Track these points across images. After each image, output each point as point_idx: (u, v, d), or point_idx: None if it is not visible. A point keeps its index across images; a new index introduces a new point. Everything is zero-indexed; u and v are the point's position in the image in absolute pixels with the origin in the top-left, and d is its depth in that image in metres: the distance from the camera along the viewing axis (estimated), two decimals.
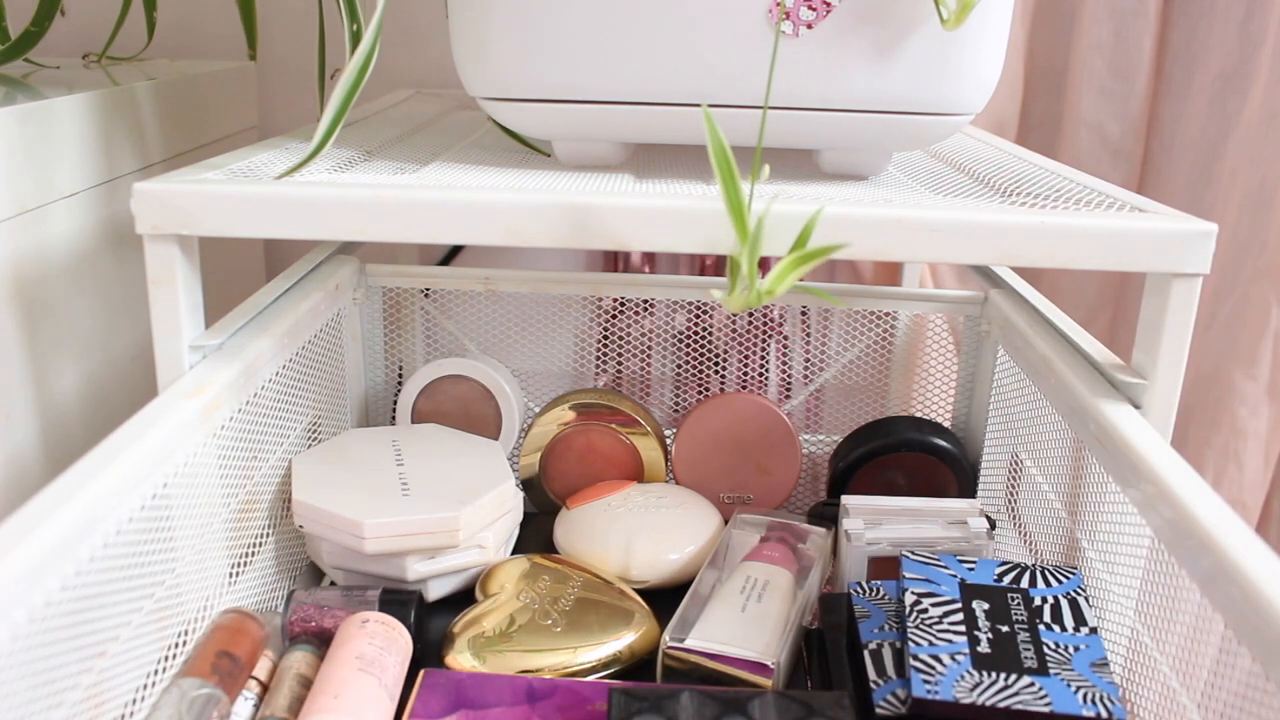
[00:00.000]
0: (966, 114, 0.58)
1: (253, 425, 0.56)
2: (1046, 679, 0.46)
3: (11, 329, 0.60)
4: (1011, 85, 0.98)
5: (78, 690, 0.39)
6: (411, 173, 0.60)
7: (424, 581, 0.59)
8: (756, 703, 0.44)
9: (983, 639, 0.48)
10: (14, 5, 0.78)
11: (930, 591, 0.51)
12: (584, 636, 0.55)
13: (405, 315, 0.79)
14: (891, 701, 0.47)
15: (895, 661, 0.49)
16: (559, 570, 0.60)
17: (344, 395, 0.73)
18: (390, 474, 0.61)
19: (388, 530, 0.56)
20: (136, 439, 0.44)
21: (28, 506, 0.37)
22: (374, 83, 0.56)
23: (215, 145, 0.86)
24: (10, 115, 0.59)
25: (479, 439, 0.68)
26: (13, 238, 0.60)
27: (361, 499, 0.58)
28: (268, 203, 0.52)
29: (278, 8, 0.97)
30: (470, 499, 0.59)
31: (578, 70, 0.56)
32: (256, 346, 0.56)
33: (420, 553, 0.58)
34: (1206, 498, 0.45)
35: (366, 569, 0.59)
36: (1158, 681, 0.48)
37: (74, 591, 0.38)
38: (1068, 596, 0.51)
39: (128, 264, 0.72)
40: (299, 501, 0.58)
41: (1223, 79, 0.93)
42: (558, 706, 0.47)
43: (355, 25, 0.55)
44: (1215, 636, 0.43)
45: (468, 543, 0.59)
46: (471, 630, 0.55)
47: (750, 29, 0.54)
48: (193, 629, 0.50)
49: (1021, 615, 0.50)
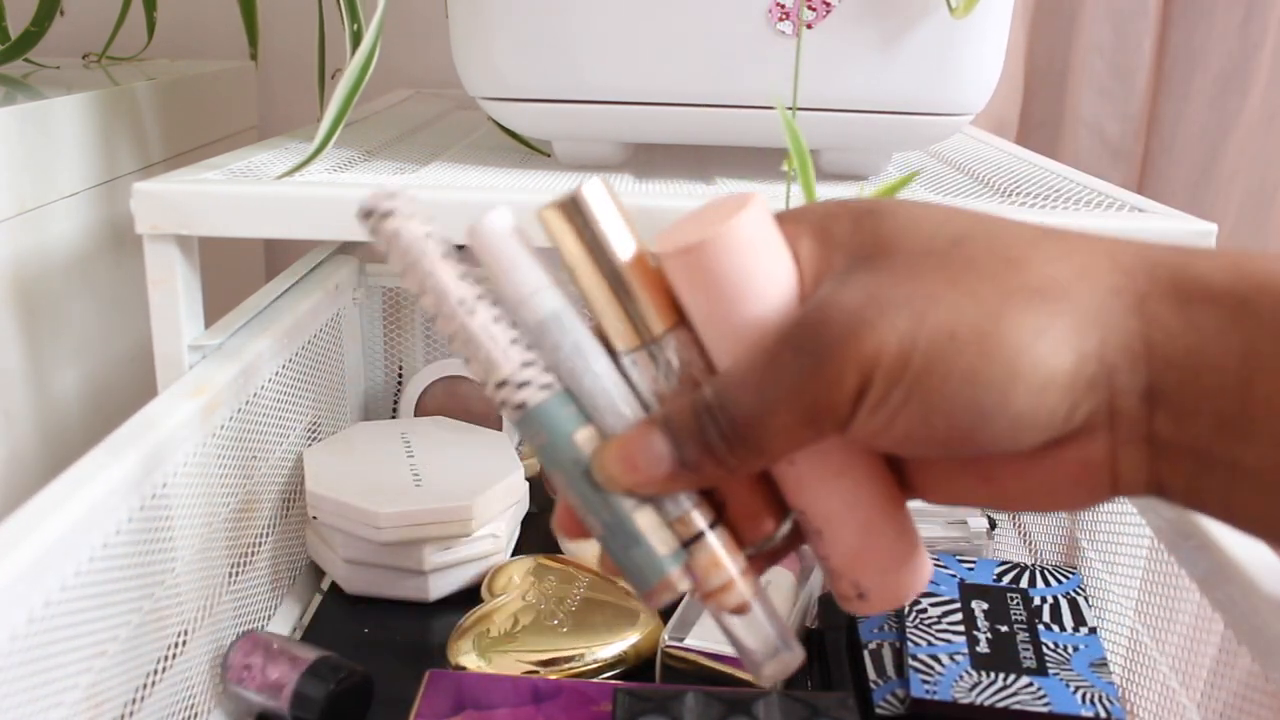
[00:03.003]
0: (966, 114, 0.58)
1: (252, 425, 0.56)
2: (1045, 679, 0.46)
3: (11, 329, 0.60)
4: (1011, 85, 0.98)
5: (77, 690, 0.39)
6: (411, 173, 0.60)
7: (437, 572, 0.60)
8: (761, 703, 0.44)
9: (982, 639, 0.48)
10: (14, 5, 0.78)
11: (929, 591, 0.51)
12: (590, 637, 0.55)
13: (405, 315, 0.79)
14: (891, 701, 0.47)
15: (895, 661, 0.49)
16: (565, 570, 0.60)
17: (344, 395, 0.73)
18: (401, 465, 0.62)
19: (402, 520, 0.57)
20: (136, 439, 0.44)
21: (28, 506, 0.37)
22: (374, 83, 0.56)
23: (215, 145, 0.86)
24: (10, 115, 0.59)
25: (485, 430, 0.69)
26: (13, 238, 0.60)
27: (375, 490, 0.59)
28: (268, 203, 0.52)
29: (278, 8, 0.97)
30: (482, 488, 0.59)
31: (578, 70, 0.56)
32: (256, 346, 0.56)
33: (434, 542, 0.59)
34: None
35: (382, 561, 0.59)
36: (1157, 681, 0.48)
37: (73, 591, 0.38)
38: (1067, 596, 0.51)
39: (128, 264, 0.72)
40: (313, 494, 0.59)
41: (1223, 79, 0.93)
42: (563, 707, 0.47)
43: (355, 25, 0.55)
44: (1215, 636, 0.43)
45: (480, 532, 0.60)
46: (477, 630, 0.55)
47: (750, 29, 0.54)
48: (193, 629, 0.50)
49: (1021, 615, 0.50)
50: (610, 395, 0.29)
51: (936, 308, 0.25)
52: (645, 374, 0.29)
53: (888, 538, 0.30)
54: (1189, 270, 0.25)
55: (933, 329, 0.25)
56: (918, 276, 0.26)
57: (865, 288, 0.26)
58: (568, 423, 0.29)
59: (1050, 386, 0.25)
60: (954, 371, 0.25)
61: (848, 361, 0.25)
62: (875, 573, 0.30)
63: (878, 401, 0.25)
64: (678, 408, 0.28)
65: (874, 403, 0.25)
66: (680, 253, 0.28)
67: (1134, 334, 0.25)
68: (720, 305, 0.28)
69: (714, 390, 0.27)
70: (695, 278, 0.28)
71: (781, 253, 0.28)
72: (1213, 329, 0.24)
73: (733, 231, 0.27)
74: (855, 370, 0.25)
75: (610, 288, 0.29)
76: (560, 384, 0.29)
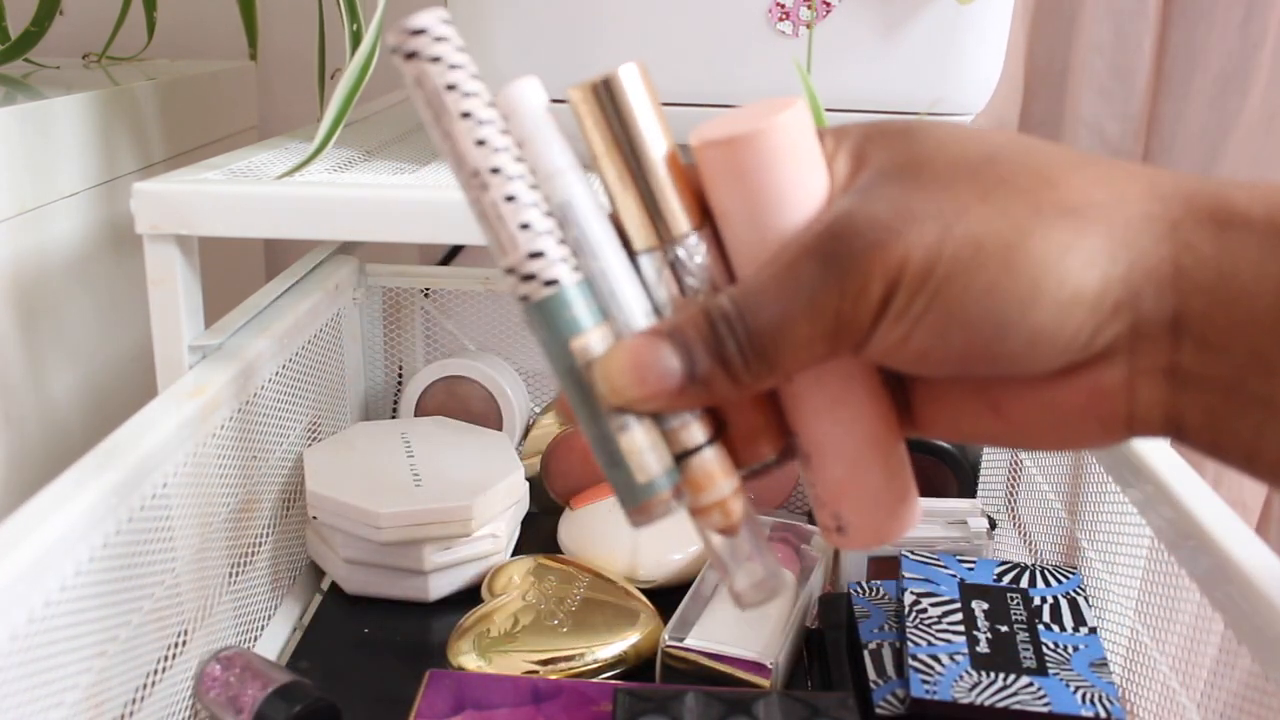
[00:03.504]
0: (967, 114, 0.58)
1: (252, 425, 0.56)
2: (1045, 679, 0.46)
3: (11, 329, 0.60)
4: (1011, 85, 0.98)
5: (77, 690, 0.39)
6: (411, 173, 0.60)
7: (437, 572, 0.60)
8: (761, 703, 0.44)
9: (982, 639, 0.48)
10: (14, 5, 0.78)
11: (929, 591, 0.51)
12: (590, 637, 0.55)
13: (405, 315, 0.79)
14: (891, 701, 0.47)
15: (895, 661, 0.49)
16: (565, 570, 0.60)
17: (344, 395, 0.73)
18: (402, 465, 0.62)
19: (402, 520, 0.57)
20: (136, 439, 0.44)
21: (28, 506, 0.37)
22: (374, 83, 0.56)
23: (215, 145, 0.86)
24: (10, 115, 0.59)
25: (486, 431, 0.69)
26: (13, 238, 0.60)
27: (375, 490, 0.59)
28: (268, 203, 0.52)
29: (278, 8, 0.97)
30: (482, 488, 0.59)
31: (578, 70, 0.56)
32: (256, 346, 0.56)
33: (434, 542, 0.59)
34: (1206, 498, 0.45)
35: (382, 561, 0.59)
36: (1157, 681, 0.48)
37: (73, 591, 0.38)
38: (1067, 596, 0.51)
39: (128, 264, 0.72)
40: (313, 493, 0.59)
41: (1223, 79, 0.93)
42: (563, 707, 0.47)
43: (355, 25, 0.55)
44: (1215, 636, 0.43)
45: (480, 532, 0.60)
46: (477, 630, 0.55)
47: (750, 29, 0.54)
48: (192, 629, 0.50)
49: (1021, 615, 0.50)
50: (621, 297, 0.27)
51: (964, 219, 0.25)
52: (661, 276, 0.28)
53: (876, 475, 0.29)
54: (1227, 199, 0.25)
55: (959, 239, 0.24)
56: (948, 189, 0.25)
57: (894, 199, 0.25)
58: (568, 326, 0.27)
59: (1074, 305, 0.24)
60: (977, 282, 0.24)
61: (873, 272, 0.25)
62: (858, 508, 0.29)
63: (899, 312, 0.25)
64: (691, 316, 0.27)
65: (895, 314, 0.25)
66: (721, 143, 0.26)
67: (1164, 259, 0.24)
68: (752, 206, 0.27)
69: (733, 298, 0.26)
70: (732, 172, 0.27)
71: (819, 164, 0.27)
72: (1250, 257, 0.24)
73: (778, 129, 0.26)
74: (880, 280, 0.25)
75: (634, 180, 0.28)
76: (570, 279, 0.27)
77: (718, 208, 0.28)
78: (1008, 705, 0.44)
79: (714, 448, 0.28)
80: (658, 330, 0.27)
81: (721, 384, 0.27)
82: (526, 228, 0.27)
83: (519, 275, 0.27)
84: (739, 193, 0.27)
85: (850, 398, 0.28)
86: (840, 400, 0.28)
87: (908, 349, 0.25)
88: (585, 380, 0.27)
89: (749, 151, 0.26)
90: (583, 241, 0.27)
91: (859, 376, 0.28)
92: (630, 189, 0.28)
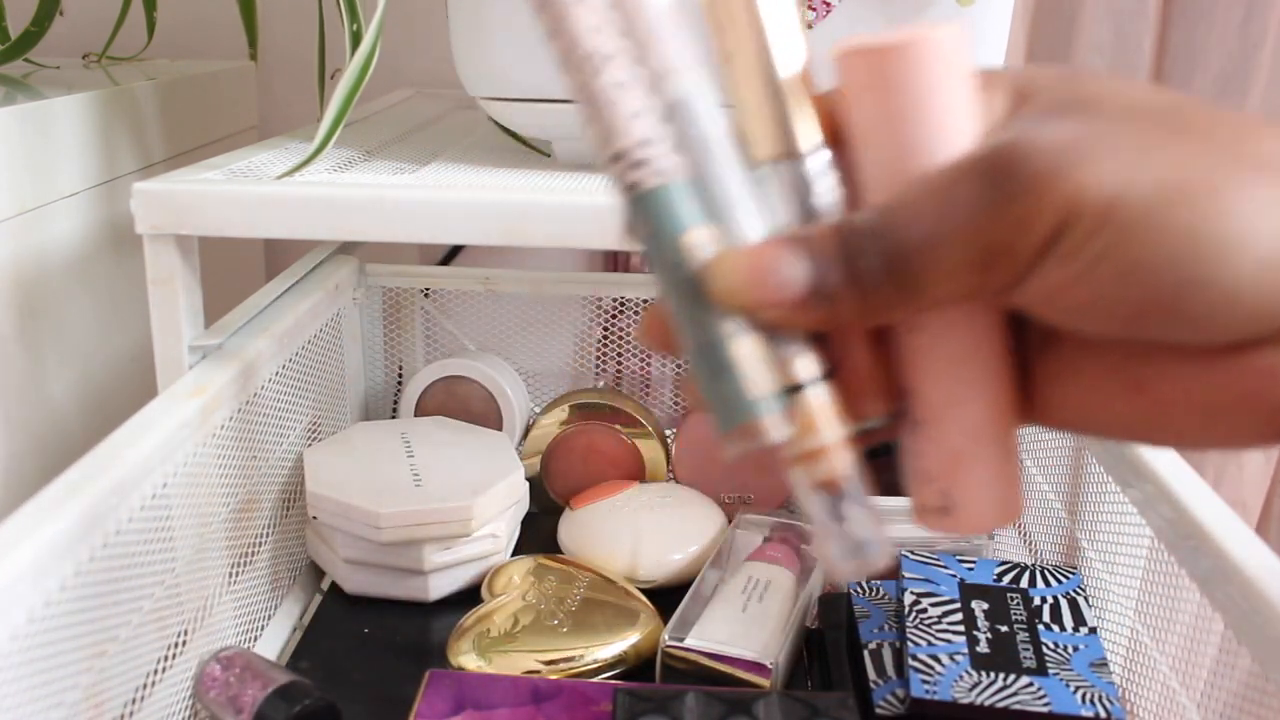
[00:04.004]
0: None
1: (252, 425, 0.56)
2: (1045, 679, 0.46)
3: (11, 329, 0.60)
4: None
5: (77, 690, 0.39)
6: (411, 173, 0.60)
7: (437, 572, 0.60)
8: (761, 704, 0.44)
9: (982, 639, 0.48)
10: (14, 5, 0.78)
11: (929, 591, 0.51)
12: (590, 637, 0.55)
13: (405, 315, 0.79)
14: (891, 701, 0.47)
15: (895, 661, 0.49)
16: (566, 570, 0.60)
17: (344, 395, 0.73)
18: (402, 465, 0.62)
19: (402, 520, 0.57)
20: (136, 439, 0.44)
21: (28, 506, 0.37)
22: (374, 83, 0.56)
23: (215, 145, 0.86)
24: (10, 115, 0.59)
25: (486, 430, 0.69)
26: (13, 238, 0.60)
27: (375, 489, 0.59)
28: (268, 203, 0.52)
29: (278, 8, 0.97)
30: (482, 488, 0.59)
31: None
32: (256, 346, 0.56)
33: (434, 542, 0.59)
34: (1206, 498, 0.45)
35: (382, 560, 0.59)
36: (1157, 681, 0.48)
37: (73, 591, 0.38)
38: (1067, 596, 0.51)
39: (128, 264, 0.72)
40: (313, 494, 0.59)
41: (1223, 79, 0.93)
42: (563, 707, 0.47)
43: (355, 25, 0.55)
44: (1215, 636, 0.43)
45: (480, 532, 0.60)
46: (477, 630, 0.55)
47: None
48: (193, 629, 0.50)
49: (1021, 615, 0.50)
50: (737, 204, 0.25)
51: (1159, 155, 0.22)
52: (782, 192, 0.25)
53: (997, 449, 0.26)
54: None
55: (1155, 177, 0.21)
56: (1135, 123, 0.23)
57: (1073, 129, 0.22)
58: (682, 219, 0.25)
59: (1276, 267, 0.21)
60: (1172, 227, 0.21)
61: (1045, 200, 0.22)
62: (971, 486, 0.26)
63: (1069, 251, 0.22)
64: (822, 229, 0.24)
65: (1064, 253, 0.22)
66: (874, 51, 0.24)
67: None
68: (901, 125, 0.24)
69: (877, 212, 0.24)
70: (883, 85, 0.24)
71: (973, 96, 0.24)
72: None
73: (936, 43, 0.24)
74: (1052, 212, 0.22)
75: (766, 84, 0.25)
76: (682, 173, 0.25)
77: (860, 125, 0.25)
78: (1008, 705, 0.44)
79: (824, 388, 0.25)
80: (784, 237, 0.25)
81: (848, 303, 0.24)
82: (639, 115, 0.25)
83: (628, 161, 0.24)
84: (887, 109, 0.24)
85: (979, 356, 0.25)
86: (968, 358, 0.25)
87: (1071, 296, 0.23)
88: (693, 281, 0.25)
89: (904, 62, 0.24)
90: (700, 141, 0.25)
91: (991, 335, 0.25)
92: (761, 92, 0.25)
